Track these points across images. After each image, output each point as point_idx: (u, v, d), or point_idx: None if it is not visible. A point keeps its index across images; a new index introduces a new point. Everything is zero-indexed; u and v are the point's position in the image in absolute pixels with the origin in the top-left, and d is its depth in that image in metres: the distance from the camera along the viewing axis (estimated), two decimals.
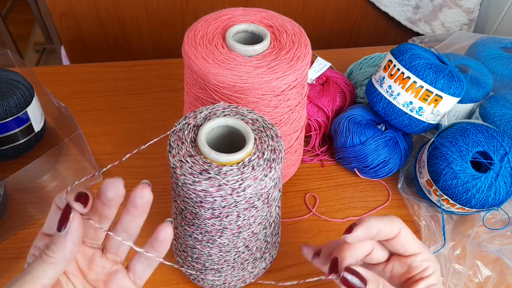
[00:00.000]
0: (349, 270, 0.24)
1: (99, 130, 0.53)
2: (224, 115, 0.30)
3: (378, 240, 0.27)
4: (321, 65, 0.53)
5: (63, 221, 0.21)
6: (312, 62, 0.53)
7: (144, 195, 0.23)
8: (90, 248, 0.25)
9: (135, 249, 0.24)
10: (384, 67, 0.46)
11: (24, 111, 0.44)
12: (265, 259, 0.36)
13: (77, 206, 0.22)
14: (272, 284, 0.25)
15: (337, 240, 0.28)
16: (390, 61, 0.45)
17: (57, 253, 0.21)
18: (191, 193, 0.27)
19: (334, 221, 0.45)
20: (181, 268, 0.26)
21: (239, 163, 0.27)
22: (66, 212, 0.22)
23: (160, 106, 0.56)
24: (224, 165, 0.27)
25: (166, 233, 0.24)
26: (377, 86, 0.46)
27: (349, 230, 0.25)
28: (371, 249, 0.27)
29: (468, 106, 0.51)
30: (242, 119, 0.30)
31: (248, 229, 0.30)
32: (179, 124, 0.29)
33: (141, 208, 0.24)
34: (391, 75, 0.44)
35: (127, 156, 0.25)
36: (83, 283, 0.25)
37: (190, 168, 0.26)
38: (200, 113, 0.30)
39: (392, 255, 0.28)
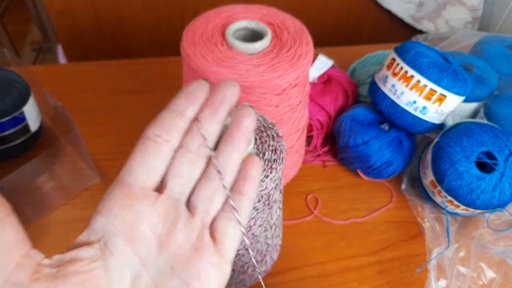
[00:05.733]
0: None
1: (96, 130, 0.52)
2: None
3: None
4: (323, 63, 0.52)
5: None
6: (314, 60, 0.53)
7: (250, 114, 0.19)
8: (173, 204, 0.18)
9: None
10: (387, 65, 0.45)
11: (20, 110, 0.44)
12: (265, 262, 0.36)
13: None
14: None
15: None
16: (394, 59, 0.44)
17: None
18: None
19: (337, 222, 0.44)
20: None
21: None
22: None
23: (158, 105, 0.55)
24: None
25: (256, 166, 0.19)
26: (380, 84, 0.45)
27: None
28: None
29: (473, 106, 0.50)
30: None
31: (248, 231, 0.30)
32: None
33: (247, 132, 0.19)
34: (395, 73, 0.44)
35: None
36: (149, 263, 0.17)
37: None
38: None
39: None
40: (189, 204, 0.19)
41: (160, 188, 0.19)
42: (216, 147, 0.20)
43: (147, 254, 0.17)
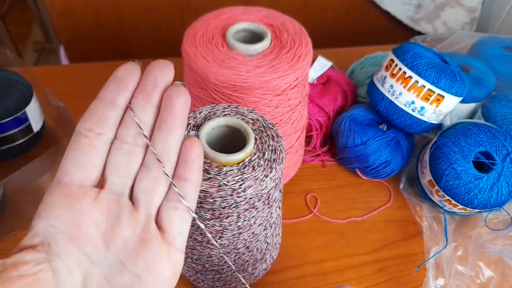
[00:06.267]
0: None
1: None
2: (224, 114, 0.30)
3: None
4: (322, 64, 0.53)
5: None
6: (313, 61, 0.53)
7: (181, 94, 0.18)
8: (115, 198, 0.18)
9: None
10: (386, 66, 0.45)
11: (23, 111, 0.44)
12: (265, 260, 0.36)
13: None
14: None
15: None
16: (392, 60, 0.45)
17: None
18: None
19: (336, 222, 0.45)
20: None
21: (239, 163, 0.27)
22: None
23: None
24: (224, 166, 0.26)
25: (194, 149, 0.18)
26: (378, 85, 0.46)
27: None
28: None
29: (471, 106, 0.50)
30: (242, 119, 0.30)
31: (249, 230, 0.30)
32: None
33: (179, 114, 0.18)
34: (393, 74, 0.44)
35: None
36: (98, 261, 0.17)
37: None
38: (200, 113, 0.30)
39: None
40: (132, 196, 0.19)
41: (101, 183, 0.18)
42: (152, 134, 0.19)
43: (94, 251, 0.17)
